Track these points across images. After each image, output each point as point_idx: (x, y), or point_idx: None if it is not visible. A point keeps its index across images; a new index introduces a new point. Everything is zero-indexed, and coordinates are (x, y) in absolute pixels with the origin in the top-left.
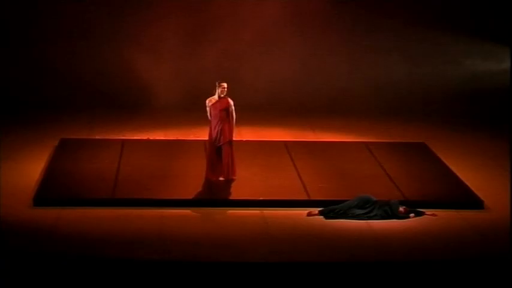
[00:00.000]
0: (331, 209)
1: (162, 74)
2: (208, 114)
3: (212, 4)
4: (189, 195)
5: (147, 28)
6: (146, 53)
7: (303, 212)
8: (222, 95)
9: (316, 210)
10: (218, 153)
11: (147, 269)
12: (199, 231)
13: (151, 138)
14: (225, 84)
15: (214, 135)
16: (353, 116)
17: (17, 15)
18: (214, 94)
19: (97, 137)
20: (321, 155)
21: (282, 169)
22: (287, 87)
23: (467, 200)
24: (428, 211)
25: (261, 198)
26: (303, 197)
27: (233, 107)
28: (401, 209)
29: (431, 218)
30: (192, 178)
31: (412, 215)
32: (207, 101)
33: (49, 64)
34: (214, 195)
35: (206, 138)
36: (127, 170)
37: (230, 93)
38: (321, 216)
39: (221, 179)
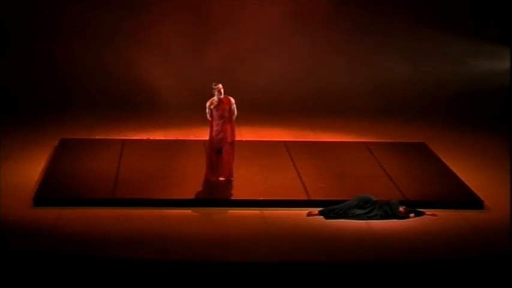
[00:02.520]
0: (331, 209)
1: (162, 74)
2: (208, 115)
3: (213, 4)
4: (189, 195)
5: (148, 28)
6: (146, 53)
7: (303, 212)
8: (222, 96)
9: (316, 210)
10: (219, 153)
11: (147, 269)
12: (199, 231)
13: (151, 138)
14: (220, 85)
15: (216, 135)
16: (353, 116)
17: (17, 15)
18: (213, 95)
19: (97, 137)
20: (321, 155)
21: (282, 169)
22: (287, 87)
23: (467, 200)
24: (428, 211)
25: (261, 198)
26: (303, 197)
27: (234, 105)
28: (401, 209)
29: (431, 218)
30: (192, 178)
31: (412, 215)
32: (207, 103)
33: (49, 64)
34: (214, 195)
35: (206, 138)
36: (127, 170)
37: (231, 93)
38: (321, 216)
39: (221, 179)
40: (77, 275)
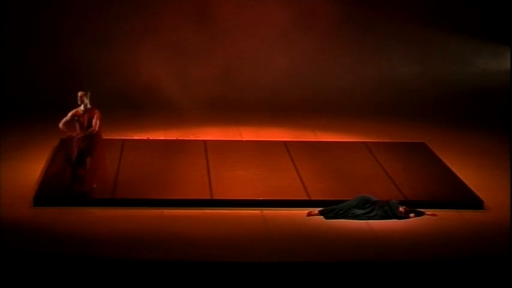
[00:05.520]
0: (331, 209)
1: (163, 74)
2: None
3: (215, 5)
4: (189, 195)
5: (149, 28)
6: (147, 53)
7: (303, 212)
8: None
9: (316, 210)
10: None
11: (147, 269)
12: (199, 231)
13: (151, 138)
14: (80, 93)
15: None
16: (353, 116)
17: (17, 15)
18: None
19: None
20: (321, 155)
21: (282, 169)
22: (288, 87)
23: (467, 200)
24: (428, 211)
25: (261, 198)
26: (303, 197)
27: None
28: (401, 209)
29: (431, 218)
30: (192, 178)
31: (412, 215)
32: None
33: (49, 64)
34: (214, 195)
35: (206, 138)
36: (127, 170)
37: (231, 93)
38: (321, 216)
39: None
40: (77, 275)
